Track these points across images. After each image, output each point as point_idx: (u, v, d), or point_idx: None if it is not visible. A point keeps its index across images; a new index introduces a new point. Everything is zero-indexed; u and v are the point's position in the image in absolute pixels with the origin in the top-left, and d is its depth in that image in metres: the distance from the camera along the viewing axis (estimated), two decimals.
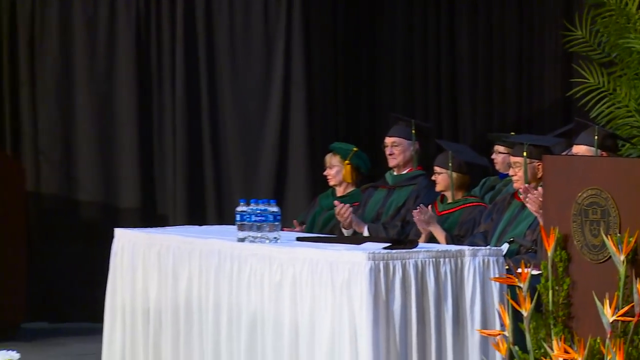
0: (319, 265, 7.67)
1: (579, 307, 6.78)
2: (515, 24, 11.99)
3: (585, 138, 8.42)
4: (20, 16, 11.37)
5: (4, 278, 10.35)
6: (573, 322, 6.83)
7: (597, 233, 6.65)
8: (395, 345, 7.46)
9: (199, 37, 11.40)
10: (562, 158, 7.86)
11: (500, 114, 11.97)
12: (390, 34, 12.07)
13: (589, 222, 6.72)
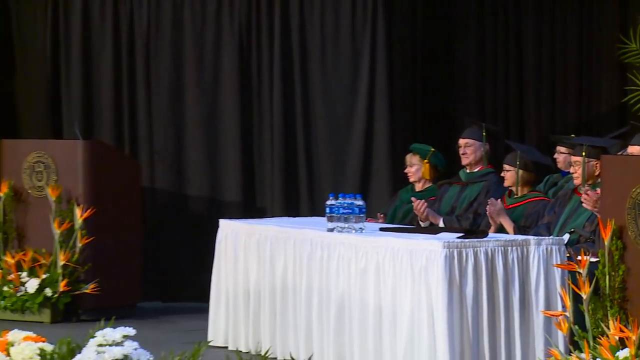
0: (399, 253, 7.66)
1: (633, 291, 6.74)
2: (576, 37, 11.89)
3: None
4: (138, 33, 11.43)
5: (122, 263, 10.43)
6: (628, 304, 6.79)
7: None
8: (467, 325, 7.44)
9: (294, 52, 11.40)
10: (618, 157, 7.81)
11: (562, 118, 11.88)
12: (463, 47, 12.01)
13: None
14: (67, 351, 6.75)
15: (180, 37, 11.44)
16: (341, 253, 8.06)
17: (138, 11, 11.43)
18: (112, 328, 6.71)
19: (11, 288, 10.18)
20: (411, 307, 7.54)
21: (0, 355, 6.92)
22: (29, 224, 10.46)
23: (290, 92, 11.33)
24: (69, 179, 10.32)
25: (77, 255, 10.15)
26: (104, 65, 11.44)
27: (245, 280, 8.88)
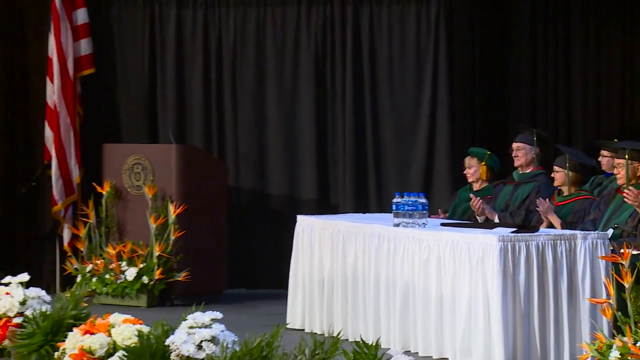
0: (458, 245, 7.64)
1: None
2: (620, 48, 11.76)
3: None
4: (225, 49, 11.47)
5: (210, 254, 10.47)
6: None
7: None
8: (520, 310, 7.40)
9: (364, 65, 11.38)
10: None
11: (607, 124, 11.76)
12: (517, 60, 11.93)
13: None
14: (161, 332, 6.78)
15: (262, 53, 11.46)
16: (406, 246, 8.05)
17: (225, 29, 11.47)
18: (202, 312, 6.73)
19: (112, 276, 10.26)
20: (469, 294, 7.51)
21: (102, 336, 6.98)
22: (128, 219, 10.53)
23: (361, 101, 11.32)
24: (163, 179, 10.38)
25: (170, 247, 10.20)
26: (195, 78, 11.49)
27: (320, 270, 8.89)
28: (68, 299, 7.59)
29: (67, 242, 10.75)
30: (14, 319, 7.71)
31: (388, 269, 8.17)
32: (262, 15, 11.45)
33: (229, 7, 11.45)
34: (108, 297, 10.24)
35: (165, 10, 11.45)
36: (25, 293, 7.86)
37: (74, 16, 10.99)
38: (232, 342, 6.54)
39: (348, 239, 8.60)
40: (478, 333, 7.43)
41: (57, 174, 10.78)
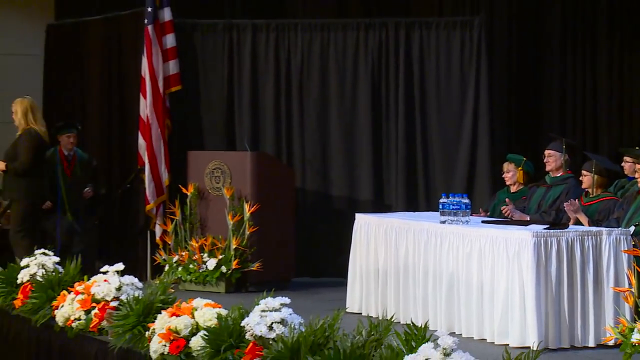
0: (497, 240, 7.59)
1: None
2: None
3: None
4: (293, 68, 11.47)
5: (280, 247, 10.46)
6: None
7: None
8: (551, 297, 7.34)
9: (415, 81, 11.34)
10: None
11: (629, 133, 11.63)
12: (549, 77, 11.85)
13: None
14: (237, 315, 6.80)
15: (325, 71, 11.46)
16: (451, 240, 8.00)
17: (294, 51, 11.48)
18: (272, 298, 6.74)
19: (195, 266, 10.29)
20: (506, 284, 7.46)
21: (187, 318, 7.01)
22: (209, 216, 10.55)
23: (411, 114, 11.28)
24: (240, 182, 10.39)
25: (245, 241, 10.21)
26: (267, 94, 11.51)
27: (375, 261, 8.86)
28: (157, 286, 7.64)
29: (158, 236, 10.82)
30: (111, 303, 7.78)
31: (435, 261, 8.13)
32: (326, 39, 11.45)
33: (297, 32, 11.47)
34: (192, 284, 10.27)
35: (242, 35, 11.48)
36: (120, 280, 7.93)
37: (163, 40, 11.06)
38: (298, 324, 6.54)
39: (400, 234, 8.57)
40: (514, 317, 7.38)
41: (150, 177, 10.85)
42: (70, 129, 10.83)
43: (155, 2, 10.97)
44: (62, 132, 10.80)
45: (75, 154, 10.90)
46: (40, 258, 9.00)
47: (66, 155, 10.83)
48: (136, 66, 11.19)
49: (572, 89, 11.82)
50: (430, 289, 8.17)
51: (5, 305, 8.95)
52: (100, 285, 7.93)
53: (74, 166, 10.84)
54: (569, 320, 7.35)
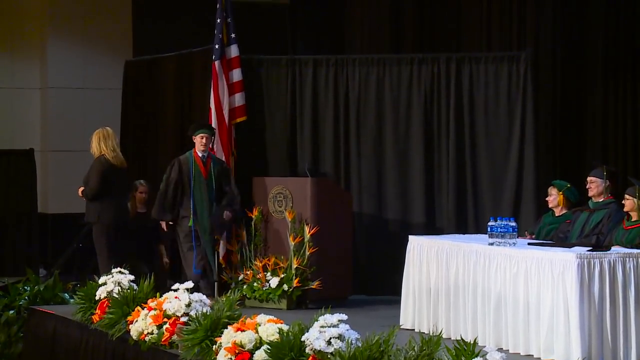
0: (542, 261, 7.51)
1: None
2: None
3: None
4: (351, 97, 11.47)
5: (338, 266, 10.43)
6: None
7: None
8: (595, 316, 7.24)
9: (464, 110, 11.28)
10: None
11: None
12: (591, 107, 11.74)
13: None
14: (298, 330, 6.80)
15: (381, 102, 11.45)
16: (499, 261, 7.93)
17: (352, 84, 11.49)
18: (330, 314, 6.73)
19: (259, 284, 10.30)
20: (551, 302, 7.37)
21: (251, 332, 7.02)
22: (272, 237, 10.56)
23: (461, 142, 11.22)
24: (301, 206, 10.40)
25: (306, 261, 10.21)
26: (327, 124, 11.52)
27: (427, 280, 8.81)
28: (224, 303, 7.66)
29: (222, 256, 10.85)
30: (181, 318, 7.82)
31: (484, 280, 8.06)
32: (382, 72, 11.44)
33: (354, 66, 11.49)
34: (255, 301, 10.28)
35: (304, 69, 11.52)
36: (190, 297, 7.97)
37: (230, 75, 11.14)
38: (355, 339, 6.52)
39: (450, 255, 8.51)
40: (559, 334, 7.28)
41: None
42: (202, 130, 10.27)
43: (223, 40, 11.07)
44: (196, 133, 10.26)
45: (209, 157, 10.31)
46: (117, 276, 9.09)
47: (201, 157, 10.23)
48: (205, 99, 11.28)
49: (613, 118, 11.68)
50: (479, 307, 8.09)
51: (84, 320, 9.04)
52: (171, 302, 7.97)
53: (209, 167, 10.23)
54: (612, 337, 7.23)
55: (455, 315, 8.40)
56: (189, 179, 10.20)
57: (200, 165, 10.23)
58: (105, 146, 10.08)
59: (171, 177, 10.24)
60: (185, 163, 10.23)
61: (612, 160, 11.22)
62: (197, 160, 10.25)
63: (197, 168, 10.21)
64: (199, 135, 10.27)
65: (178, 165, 10.24)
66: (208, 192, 10.22)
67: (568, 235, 9.11)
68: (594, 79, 11.74)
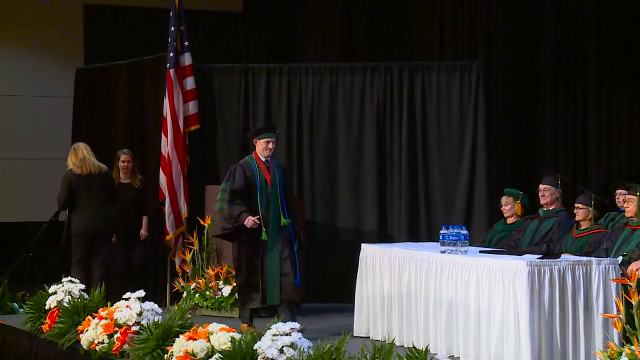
0: (494, 269, 7.56)
1: None
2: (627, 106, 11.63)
3: None
4: (304, 107, 11.50)
5: None
6: None
7: None
8: (545, 323, 7.29)
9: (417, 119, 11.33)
10: None
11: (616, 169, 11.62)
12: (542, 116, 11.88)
13: None
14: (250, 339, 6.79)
15: (334, 111, 11.47)
16: (450, 269, 7.97)
17: (305, 92, 11.50)
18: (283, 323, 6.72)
19: (211, 292, 10.27)
20: (502, 309, 7.41)
21: (203, 341, 6.99)
22: (225, 246, 10.48)
23: (414, 150, 11.27)
24: None
25: None
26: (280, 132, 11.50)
27: (380, 288, 8.82)
28: (176, 311, 7.63)
29: (178, 265, 10.79)
30: (133, 327, 7.76)
31: (435, 288, 8.09)
32: (335, 81, 11.47)
33: (308, 75, 11.50)
34: (208, 310, 10.23)
35: (257, 78, 11.52)
36: (141, 306, 7.92)
37: (184, 83, 11.11)
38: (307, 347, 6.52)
39: (403, 263, 8.54)
40: (509, 341, 7.32)
41: (169, 210, 10.85)
42: (268, 134, 8.99)
43: (177, 48, 11.03)
44: (260, 137, 8.98)
45: (272, 162, 9.06)
46: (67, 285, 9.01)
47: (264, 161, 8.97)
48: (158, 107, 11.22)
49: (563, 127, 11.83)
50: (431, 315, 8.12)
51: (33, 330, 8.94)
52: (123, 311, 7.91)
53: (272, 171, 9.00)
54: (561, 344, 7.29)
55: (408, 323, 8.42)
56: (256, 187, 8.91)
57: (264, 171, 8.98)
58: (71, 159, 10.09)
59: (236, 184, 8.82)
60: (249, 168, 8.92)
61: (562, 169, 11.35)
62: (260, 165, 8.97)
63: (261, 174, 8.95)
64: (263, 140, 8.94)
65: (242, 171, 8.90)
66: (274, 200, 8.92)
67: (519, 243, 9.19)
68: (545, 88, 11.88)
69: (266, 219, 8.81)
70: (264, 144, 8.95)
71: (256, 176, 8.89)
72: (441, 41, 12.35)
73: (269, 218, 8.85)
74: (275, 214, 8.89)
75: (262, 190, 8.88)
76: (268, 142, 8.95)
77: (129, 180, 10.86)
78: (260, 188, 8.88)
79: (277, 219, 8.87)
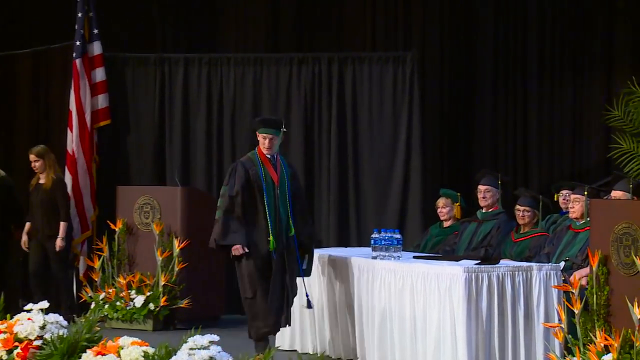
0: (429, 275, 7.60)
1: (615, 307, 6.64)
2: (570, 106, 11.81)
3: (623, 186, 8.21)
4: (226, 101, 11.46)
5: (209, 283, 10.43)
6: (611, 318, 6.69)
7: (628, 254, 6.54)
8: (482, 333, 7.36)
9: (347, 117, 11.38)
10: (604, 201, 7.76)
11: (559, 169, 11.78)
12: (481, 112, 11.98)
13: (622, 246, 6.60)
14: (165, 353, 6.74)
15: (258, 106, 11.47)
16: (383, 276, 8.00)
17: (226, 85, 11.49)
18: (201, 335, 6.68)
19: (122, 303, 10.19)
20: (438, 318, 7.46)
21: (113, 357, 6.92)
22: (138, 252, 10.47)
23: (344, 148, 11.32)
24: (169, 217, 10.35)
25: (174, 277, 10.16)
26: (199, 128, 11.49)
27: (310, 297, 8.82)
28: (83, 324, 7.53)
29: (82, 273, 10.68)
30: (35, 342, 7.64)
31: (368, 296, 8.11)
32: (259, 73, 11.47)
33: (229, 66, 11.49)
34: (118, 322, 10.16)
35: (174, 69, 11.48)
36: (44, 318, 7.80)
37: (92, 74, 11.01)
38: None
39: (332, 270, 8.55)
40: (446, 352, 7.38)
41: (74, 212, 10.74)
42: (266, 129, 8.24)
43: (85, 36, 10.92)
44: (259, 130, 8.28)
45: (278, 159, 8.32)
46: None
47: (269, 158, 8.22)
48: (64, 100, 11.08)
49: (503, 123, 11.95)
50: (364, 324, 8.15)
51: None
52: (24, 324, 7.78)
53: (280, 170, 8.26)
54: (500, 355, 7.36)
55: (340, 334, 8.43)
56: (261, 188, 8.17)
57: (270, 169, 8.21)
58: None
59: (235, 188, 8.09)
60: (252, 166, 8.17)
61: (502, 168, 11.46)
62: (264, 162, 8.22)
63: (266, 173, 8.19)
64: (261, 135, 8.22)
65: (243, 170, 8.15)
66: (283, 204, 8.20)
67: (455, 248, 9.27)
68: (484, 82, 11.99)
69: (275, 226, 8.07)
70: (260, 139, 8.20)
71: (261, 175, 8.11)
72: (373, 31, 12.39)
73: (279, 225, 8.10)
74: (285, 221, 8.14)
75: (269, 192, 8.11)
76: (265, 138, 8.16)
77: (44, 180, 10.60)
78: (267, 189, 8.11)
79: (287, 228, 8.15)
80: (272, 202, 8.08)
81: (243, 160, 8.23)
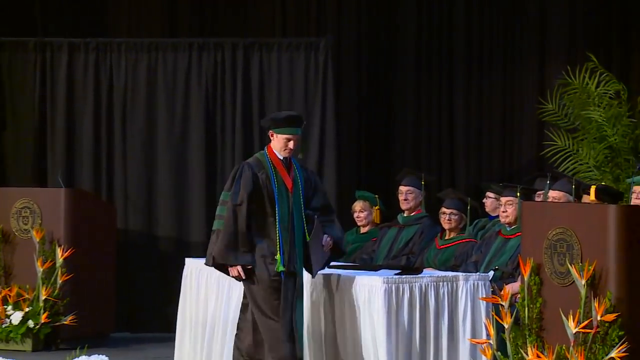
0: (345, 287, 7.63)
1: (549, 321, 6.72)
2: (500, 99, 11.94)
3: (563, 186, 8.31)
4: (116, 91, 11.39)
5: (97, 297, 10.36)
6: (544, 333, 6.76)
7: (563, 262, 6.61)
8: (404, 347, 7.45)
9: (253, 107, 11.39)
10: (537, 203, 7.86)
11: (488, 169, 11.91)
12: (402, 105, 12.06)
13: (557, 254, 6.67)
14: None
15: (153, 96, 11.42)
16: None
17: (117, 73, 11.42)
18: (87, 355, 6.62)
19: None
20: (356, 333, 7.50)
21: None
22: (15, 262, 10.35)
23: (250, 144, 11.32)
24: (52, 223, 10.25)
25: (57, 291, 10.05)
26: (85, 122, 11.40)
27: (205, 311, 8.78)
28: None
29: None
30: None
31: None
32: (154, 60, 11.42)
33: (120, 52, 11.41)
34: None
35: (57, 55, 11.39)
36: None
37: None
38: None
39: (234, 282, 8.48)
40: None
41: None
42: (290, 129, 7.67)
43: None
44: (279, 130, 7.67)
45: (291, 161, 7.79)
46: None
47: (281, 160, 7.71)
48: None
49: (427, 118, 12.04)
50: None
51: None
52: None
53: (294, 175, 7.76)
54: None
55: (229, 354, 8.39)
56: (273, 196, 7.69)
57: (283, 173, 7.73)
58: None
59: (240, 196, 7.61)
60: (262, 170, 7.68)
61: (426, 167, 11.55)
62: (277, 165, 7.73)
63: (279, 178, 7.70)
64: (283, 136, 7.65)
65: (251, 175, 7.66)
66: (297, 214, 7.69)
67: (374, 256, 9.31)
68: (406, 72, 12.06)
69: (287, 241, 7.59)
70: (283, 140, 7.61)
71: (272, 181, 7.62)
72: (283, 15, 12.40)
73: (294, 238, 7.63)
74: (300, 233, 7.66)
75: (282, 200, 7.61)
76: (289, 139, 7.62)
77: None
78: (279, 196, 7.62)
79: (303, 240, 7.66)
80: (287, 212, 7.62)
81: (250, 161, 7.71)
